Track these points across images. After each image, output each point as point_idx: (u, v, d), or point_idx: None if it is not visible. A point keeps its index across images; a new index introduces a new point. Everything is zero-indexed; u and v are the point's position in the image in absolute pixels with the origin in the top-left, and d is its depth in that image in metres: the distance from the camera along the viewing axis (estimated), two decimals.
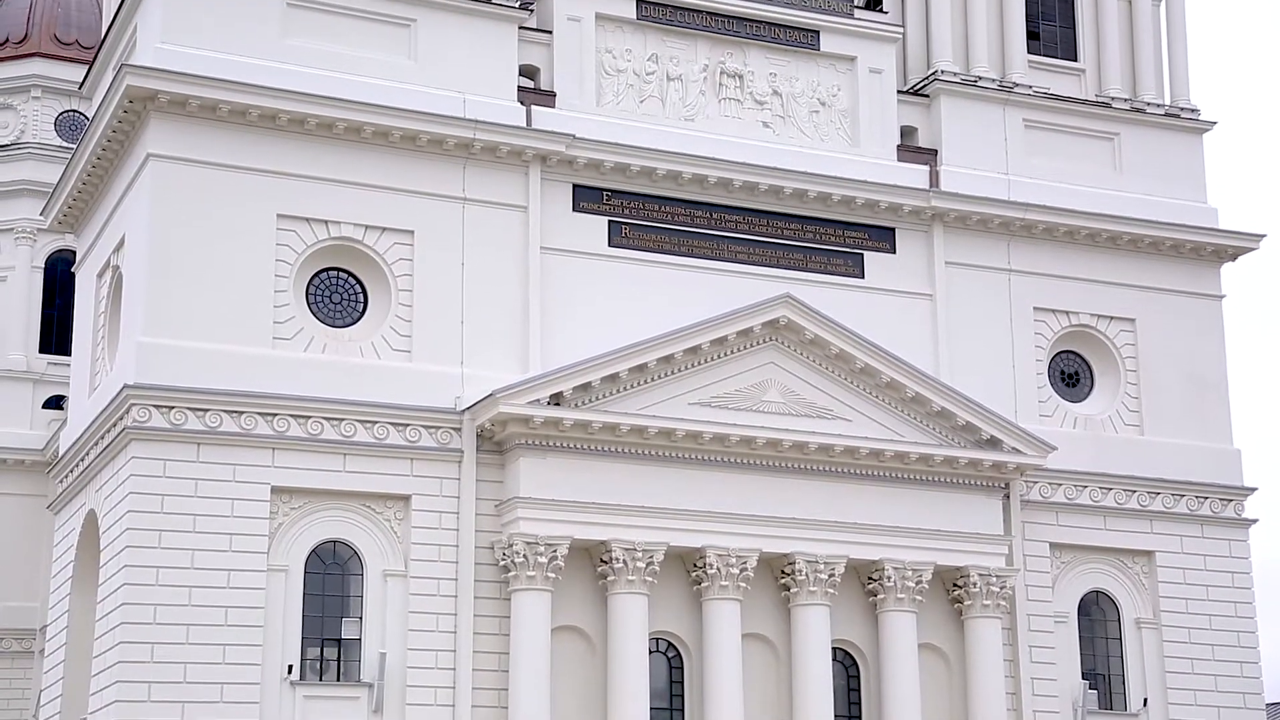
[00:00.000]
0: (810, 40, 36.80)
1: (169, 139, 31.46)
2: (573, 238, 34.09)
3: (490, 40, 33.89)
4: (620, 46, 35.32)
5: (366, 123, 32.40)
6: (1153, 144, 39.63)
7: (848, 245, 36.42)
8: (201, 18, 31.93)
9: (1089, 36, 39.96)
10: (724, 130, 35.70)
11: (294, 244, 32.05)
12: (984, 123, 38.04)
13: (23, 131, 48.09)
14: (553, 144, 33.66)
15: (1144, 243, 38.63)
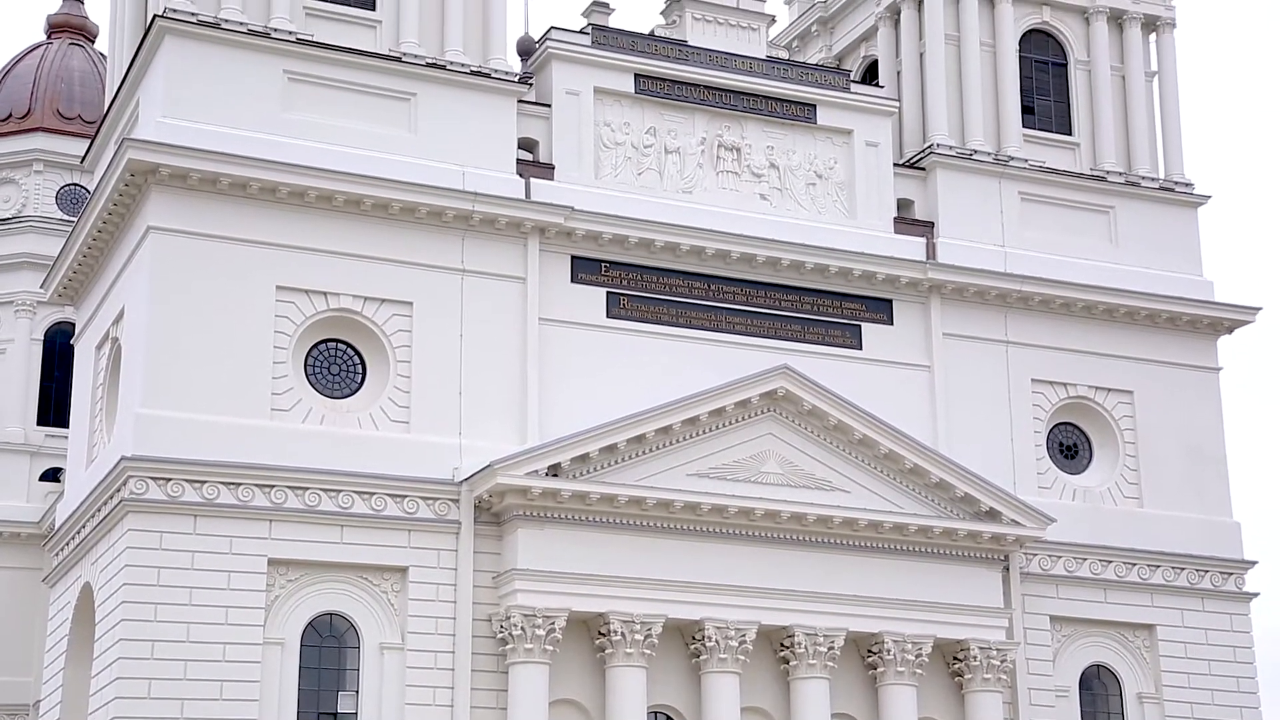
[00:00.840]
0: (807, 114, 37.11)
1: (169, 212, 31.62)
2: (571, 309, 34.18)
3: (490, 114, 34.15)
4: (618, 120, 35.60)
5: (366, 195, 32.58)
6: (1148, 217, 39.85)
7: (845, 316, 36.53)
8: (203, 92, 32.17)
9: (1083, 111, 40.29)
10: (722, 202, 35.91)
11: (293, 315, 32.12)
12: (980, 195, 38.28)
13: (24, 205, 48.26)
14: (551, 216, 33.84)
15: (1140, 315, 38.75)
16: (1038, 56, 40.30)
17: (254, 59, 32.54)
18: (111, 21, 37.65)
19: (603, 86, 35.36)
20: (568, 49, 35.17)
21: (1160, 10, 41.06)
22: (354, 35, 33.77)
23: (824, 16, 42.87)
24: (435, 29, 34.19)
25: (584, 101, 35.12)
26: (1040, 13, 40.23)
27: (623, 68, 35.49)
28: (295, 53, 32.88)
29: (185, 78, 32.10)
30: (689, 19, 36.56)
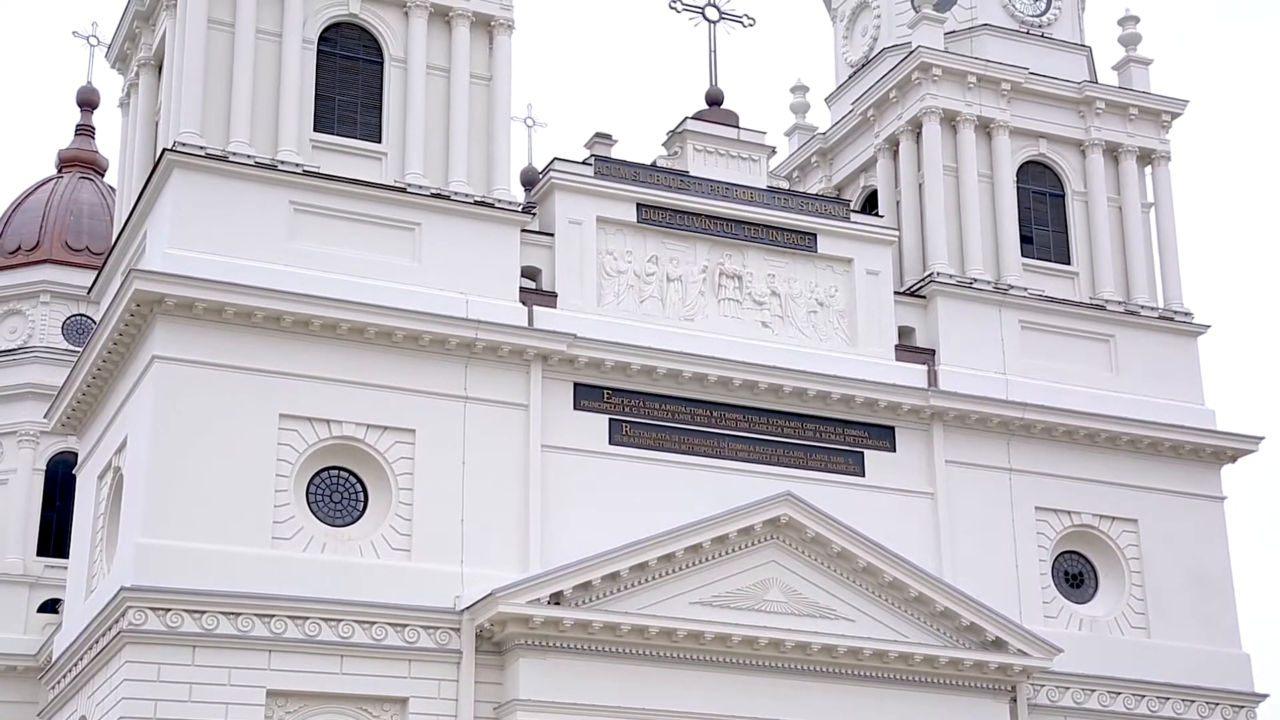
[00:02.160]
0: (808, 243, 37.45)
1: (174, 341, 31.77)
2: (574, 436, 34.18)
3: (493, 242, 34.45)
4: (621, 248, 35.92)
5: (370, 323, 32.76)
6: (1148, 346, 39.98)
7: (848, 443, 36.51)
8: (210, 223, 32.50)
9: (1081, 241, 40.63)
10: (723, 330, 36.08)
11: (295, 443, 32.11)
12: (981, 323, 38.46)
13: (30, 336, 48.52)
14: (554, 343, 33.99)
15: (1143, 443, 38.71)
16: (1035, 187, 40.77)
17: (260, 190, 32.92)
18: (121, 155, 38.19)
19: (605, 216, 35.74)
20: (571, 179, 35.61)
21: (1155, 144, 41.60)
22: (359, 167, 34.21)
23: (824, 148, 43.46)
24: (440, 160, 34.66)
25: (587, 230, 35.47)
26: (1037, 145, 40.77)
27: (625, 197, 35.90)
28: (301, 184, 33.28)
29: (192, 209, 32.45)
30: (690, 150, 37.07)
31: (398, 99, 34.71)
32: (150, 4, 36.33)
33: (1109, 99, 41.08)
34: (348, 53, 34.89)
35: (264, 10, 33.98)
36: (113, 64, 38.89)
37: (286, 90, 33.69)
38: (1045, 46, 41.86)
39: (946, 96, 39.51)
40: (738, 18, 39.30)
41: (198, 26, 33.32)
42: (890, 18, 42.53)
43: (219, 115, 33.23)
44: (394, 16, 35.10)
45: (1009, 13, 41.86)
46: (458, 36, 35.26)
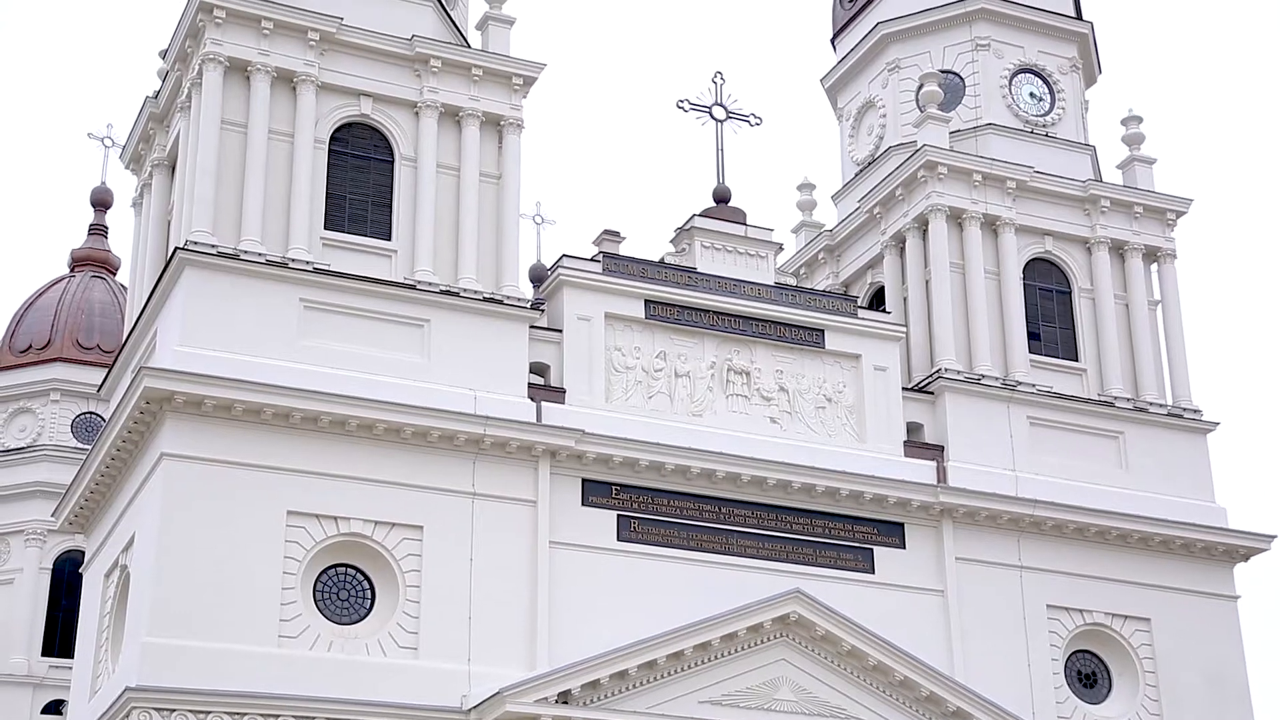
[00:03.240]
0: (815, 339, 37.53)
1: (183, 438, 31.77)
2: (582, 532, 34.06)
3: (502, 339, 34.56)
4: (629, 344, 36.02)
5: (378, 420, 32.78)
6: (1157, 443, 39.90)
7: (857, 540, 36.35)
8: (220, 320, 32.62)
9: (1089, 338, 40.70)
10: (732, 426, 36.07)
11: (303, 540, 32.01)
12: (989, 420, 38.42)
13: (39, 434, 48.69)
14: (562, 439, 33.99)
15: (1154, 541, 38.51)
16: (1042, 284, 40.91)
17: (271, 288, 33.10)
18: (133, 254, 38.48)
19: (614, 312, 35.88)
20: (579, 276, 35.81)
21: (1161, 242, 41.81)
22: (370, 264, 34.43)
23: (830, 245, 43.73)
24: (449, 257, 34.90)
25: (595, 326, 35.60)
26: (1043, 243, 40.99)
27: (633, 294, 36.06)
28: (311, 281, 33.47)
29: (203, 306, 32.61)
30: (698, 247, 37.30)
31: (408, 197, 35.04)
32: (165, 106, 36.83)
33: (1114, 197, 41.37)
34: (359, 152, 35.27)
35: (277, 111, 34.41)
36: (127, 165, 39.33)
37: (298, 189, 34.01)
38: (1050, 145, 42.26)
39: (952, 194, 39.81)
40: (744, 116, 39.72)
41: (211, 127, 33.72)
42: (896, 117, 42.99)
43: (231, 214, 33.53)
44: (405, 116, 35.53)
45: (1013, 113, 42.30)
46: (468, 136, 35.66)
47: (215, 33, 34.08)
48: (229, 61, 34.12)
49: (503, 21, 37.01)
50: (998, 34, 42.62)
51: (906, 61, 43.08)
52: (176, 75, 35.89)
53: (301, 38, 34.62)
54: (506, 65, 36.10)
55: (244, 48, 34.25)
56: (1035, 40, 43.02)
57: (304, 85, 34.56)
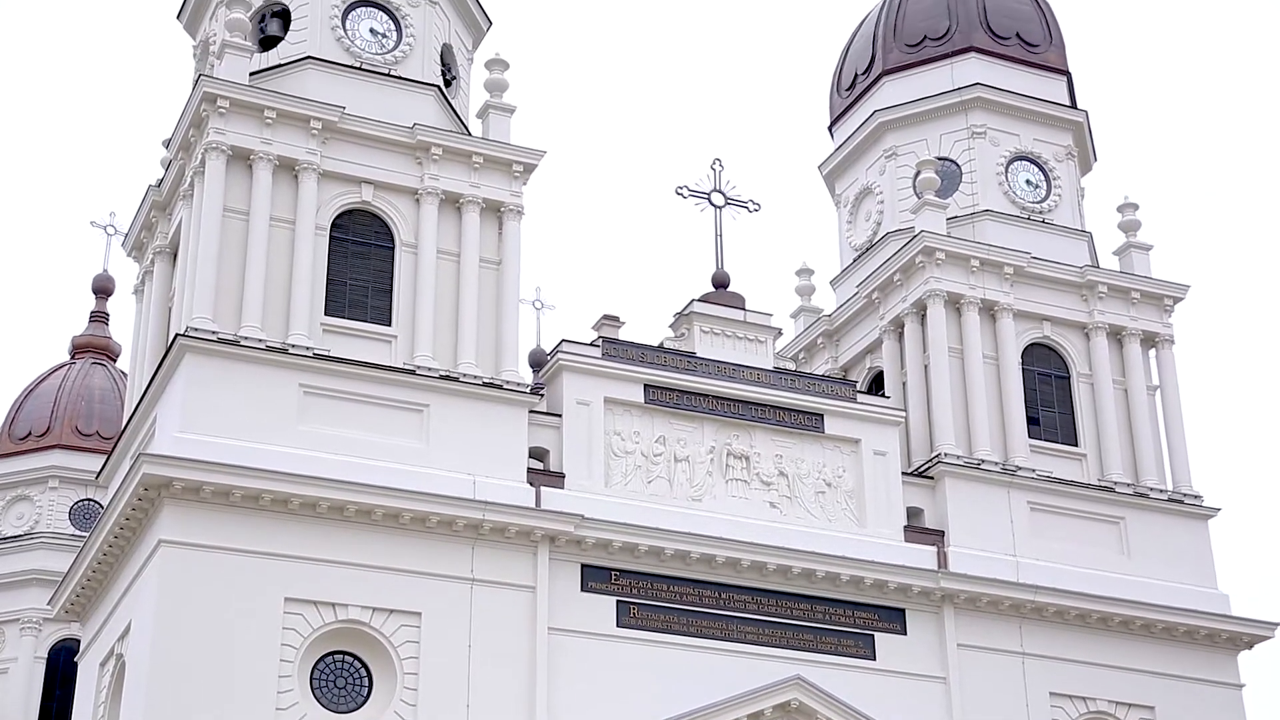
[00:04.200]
0: (815, 423, 37.53)
1: (181, 525, 31.65)
2: (581, 618, 33.85)
3: (501, 424, 34.56)
4: (628, 429, 36.02)
5: (378, 505, 32.69)
6: (1159, 529, 39.76)
7: (858, 626, 36.12)
8: (220, 406, 32.63)
9: (1088, 423, 40.68)
10: (731, 510, 35.98)
11: (300, 627, 31.81)
12: (989, 505, 38.30)
13: (37, 521, 48.53)
14: (561, 524, 33.89)
15: (1157, 628, 38.29)
16: (1040, 369, 40.98)
17: (271, 374, 33.14)
18: (134, 341, 38.57)
19: (613, 397, 35.90)
20: (578, 361, 35.88)
21: (1158, 328, 41.92)
22: (369, 349, 34.51)
23: (829, 329, 43.86)
24: (449, 342, 35.00)
25: (594, 411, 35.61)
26: (1041, 328, 41.10)
27: (632, 379, 36.12)
28: (311, 367, 33.51)
29: (202, 392, 32.63)
30: (697, 332, 37.41)
31: (408, 283, 35.21)
32: (168, 194, 37.12)
33: (1111, 283, 41.53)
34: (359, 238, 35.49)
35: (278, 199, 34.66)
36: (129, 252, 39.55)
37: (299, 275, 34.18)
38: (1047, 232, 42.51)
39: (950, 280, 39.99)
40: (743, 203, 40.00)
41: (213, 215, 33.95)
42: (893, 203, 43.29)
43: (231, 300, 33.67)
44: (406, 203, 35.79)
45: (1010, 199, 42.59)
46: (468, 222, 35.90)
47: (219, 122, 34.41)
48: (232, 150, 34.42)
49: (503, 110, 37.40)
50: (993, 122, 43.02)
51: (903, 149, 43.47)
52: (179, 164, 36.20)
53: (304, 126, 34.96)
54: (507, 153, 36.42)
55: (247, 136, 34.58)
56: (1031, 128, 43.41)
57: (306, 173, 34.84)
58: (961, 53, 43.65)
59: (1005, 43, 44.03)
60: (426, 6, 38.03)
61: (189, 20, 39.88)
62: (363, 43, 37.23)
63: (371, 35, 37.35)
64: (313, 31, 36.86)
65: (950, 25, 44.03)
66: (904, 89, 43.98)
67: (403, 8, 37.72)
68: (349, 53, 36.98)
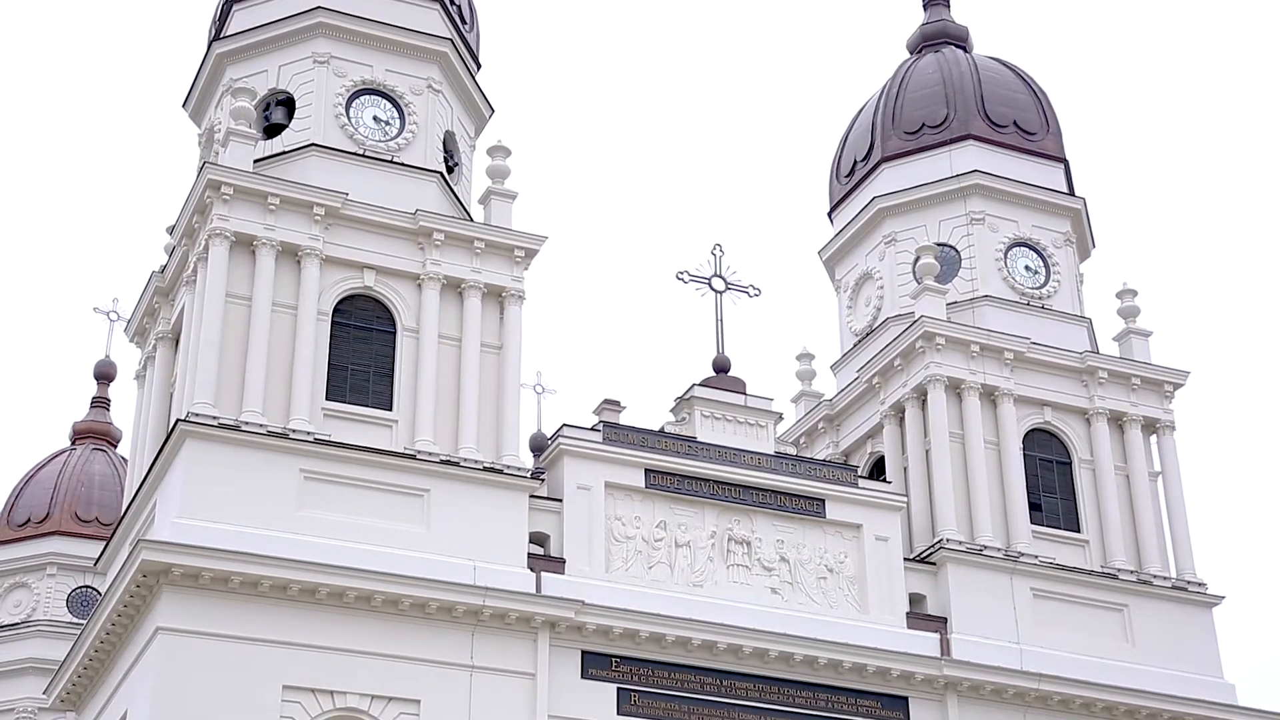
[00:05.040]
0: (816, 508, 37.41)
1: (179, 612, 31.45)
2: (581, 705, 33.52)
3: (501, 509, 34.45)
4: (629, 514, 35.90)
5: (377, 591, 32.51)
6: (1163, 617, 39.50)
7: (861, 714, 35.75)
8: (220, 492, 32.53)
9: (1090, 509, 40.54)
10: (732, 596, 35.76)
11: (299, 716, 31.48)
12: (992, 591, 38.06)
13: (34, 609, 48.25)
14: (561, 610, 33.67)
15: (1163, 718, 37.94)
16: (1042, 455, 40.90)
17: (271, 459, 33.09)
18: (135, 427, 38.54)
19: (614, 481, 35.83)
20: (579, 445, 35.83)
21: (1159, 414, 41.89)
22: (370, 434, 34.49)
23: (830, 414, 43.84)
24: (450, 427, 34.98)
25: (595, 496, 35.52)
26: (1042, 413, 41.08)
27: (633, 463, 36.05)
28: (312, 452, 33.47)
29: (202, 478, 32.54)
30: (698, 416, 37.40)
31: (409, 367, 35.26)
32: (171, 280, 37.27)
33: (1111, 369, 41.57)
34: (361, 323, 35.60)
35: (281, 284, 34.80)
36: (131, 338, 39.63)
37: (300, 360, 34.24)
38: (1046, 317, 42.61)
39: (950, 365, 40.05)
40: (744, 288, 40.14)
41: (216, 300, 34.07)
42: (893, 288, 43.44)
43: (233, 385, 33.70)
44: (408, 288, 35.93)
45: (1009, 285, 42.73)
46: (469, 307, 36.03)
47: (222, 208, 34.64)
48: (235, 236, 34.63)
49: (505, 196, 37.65)
50: (992, 209, 43.30)
51: (903, 234, 43.72)
52: (183, 250, 36.39)
53: (307, 212, 35.18)
54: (509, 238, 36.64)
55: (250, 223, 34.79)
56: (1029, 215, 43.68)
57: (308, 258, 35.02)
58: (959, 140, 44.03)
59: (1003, 130, 44.42)
60: (430, 95, 38.43)
61: (194, 109, 40.31)
62: (366, 130, 37.57)
63: (375, 123, 37.70)
64: (317, 119, 37.22)
65: (948, 113, 44.46)
66: (903, 175, 44.33)
67: (406, 96, 38.10)
68: (352, 139, 37.30)
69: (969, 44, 47.28)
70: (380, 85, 37.99)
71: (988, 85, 44.97)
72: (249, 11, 39.06)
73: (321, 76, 37.56)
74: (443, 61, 38.83)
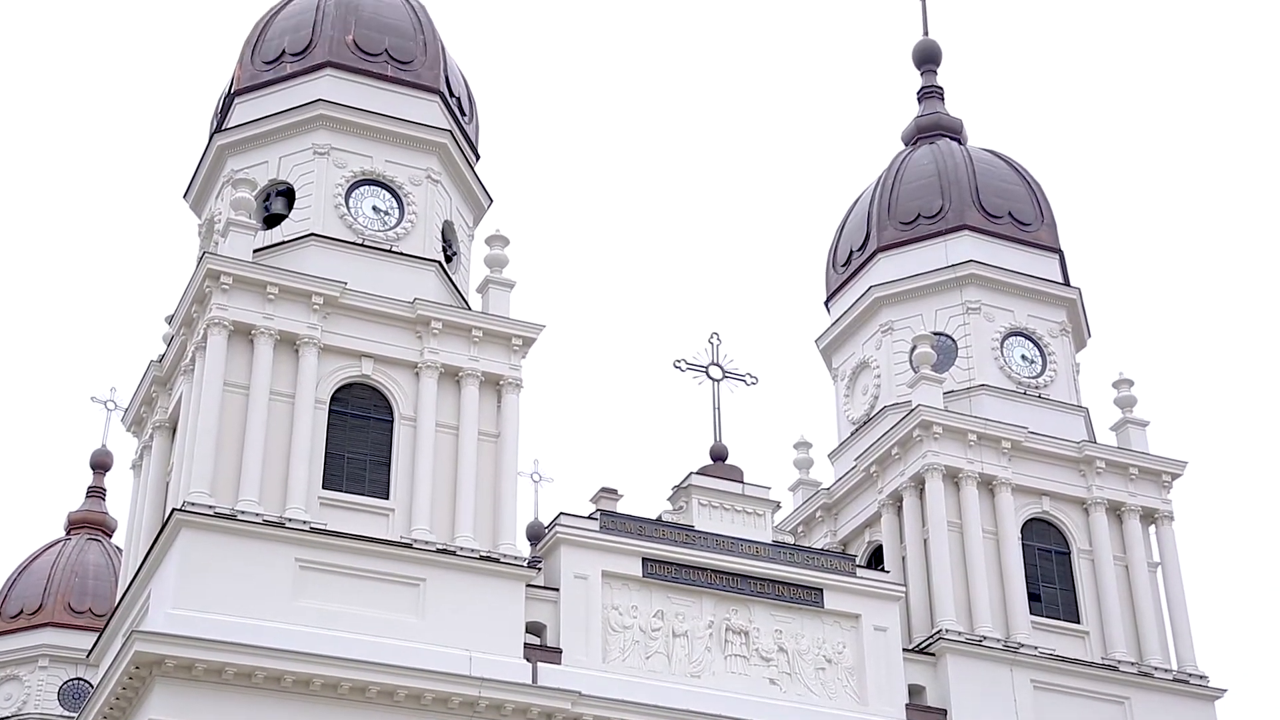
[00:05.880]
0: (814, 598, 37.18)
1: (172, 704, 31.16)
2: None
3: (498, 598, 34.23)
4: (626, 603, 35.68)
5: (372, 682, 32.23)
6: (1164, 709, 39.14)
7: None
8: (214, 583, 32.35)
9: (1090, 600, 40.31)
10: (730, 687, 35.45)
11: None
12: (992, 683, 37.76)
13: (25, 703, 47.77)
14: (558, 701, 33.36)
15: None
16: (1041, 545, 40.75)
17: (267, 548, 32.95)
18: (130, 516, 38.40)
19: (611, 570, 35.65)
20: (576, 534, 35.71)
21: (1158, 504, 41.79)
22: (367, 523, 34.37)
23: (828, 503, 43.73)
24: (446, 515, 34.87)
25: (592, 585, 35.32)
26: (1040, 503, 40.99)
27: (631, 552, 35.90)
28: (308, 541, 33.34)
29: (197, 568, 32.37)
30: (695, 505, 37.29)
31: (406, 456, 35.23)
32: (169, 369, 37.33)
33: (1108, 459, 41.53)
34: (358, 411, 35.60)
35: (279, 373, 34.86)
36: (128, 427, 39.61)
37: (297, 449, 34.20)
38: (1043, 407, 42.65)
39: (948, 454, 40.01)
40: (740, 376, 40.19)
41: (214, 389, 34.10)
42: (890, 377, 43.52)
43: (229, 474, 33.63)
44: (405, 377, 35.98)
45: (1006, 374, 42.81)
46: (467, 395, 36.06)
47: (221, 298, 34.78)
48: (234, 325, 34.73)
49: (503, 285, 37.83)
50: (988, 298, 43.48)
51: (899, 323, 43.87)
52: (181, 339, 36.47)
53: (306, 302, 35.32)
54: (506, 327, 36.76)
55: (249, 312, 34.91)
56: (1025, 304, 43.87)
57: (306, 348, 35.10)
58: (955, 230, 44.35)
59: (998, 221, 44.74)
60: (429, 185, 38.74)
61: (195, 200, 40.61)
62: (365, 220, 37.82)
63: (374, 213, 37.97)
64: (317, 209, 37.48)
65: (943, 204, 44.80)
66: (899, 265, 44.58)
67: (405, 186, 38.40)
68: (352, 229, 37.55)
69: (963, 136, 47.76)
70: (380, 175, 38.31)
71: (982, 176, 45.35)
72: (251, 104, 39.50)
73: (322, 167, 37.89)
74: (442, 152, 39.18)
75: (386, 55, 39.61)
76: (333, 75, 38.97)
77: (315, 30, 39.62)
